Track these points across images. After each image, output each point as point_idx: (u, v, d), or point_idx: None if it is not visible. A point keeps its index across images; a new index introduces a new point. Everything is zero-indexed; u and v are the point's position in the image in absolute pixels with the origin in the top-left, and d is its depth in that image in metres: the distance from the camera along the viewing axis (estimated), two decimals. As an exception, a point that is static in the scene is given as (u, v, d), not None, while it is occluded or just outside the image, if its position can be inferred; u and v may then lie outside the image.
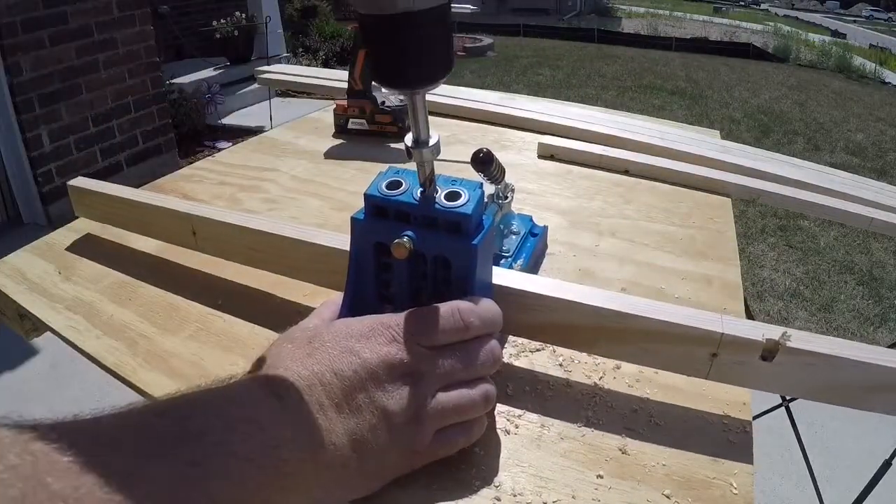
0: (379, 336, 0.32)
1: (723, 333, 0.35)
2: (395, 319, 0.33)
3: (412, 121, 0.33)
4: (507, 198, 0.52)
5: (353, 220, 0.36)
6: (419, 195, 0.35)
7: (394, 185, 0.36)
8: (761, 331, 0.35)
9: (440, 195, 0.35)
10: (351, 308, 0.37)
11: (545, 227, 0.57)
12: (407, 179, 0.36)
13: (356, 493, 0.32)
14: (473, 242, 0.34)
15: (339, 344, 0.32)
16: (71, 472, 0.21)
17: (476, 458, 0.35)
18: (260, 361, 0.32)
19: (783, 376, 0.36)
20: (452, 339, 0.33)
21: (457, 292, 0.35)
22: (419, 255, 0.35)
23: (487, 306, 0.35)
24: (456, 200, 0.34)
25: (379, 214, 0.36)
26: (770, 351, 0.35)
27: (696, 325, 0.36)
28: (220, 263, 0.53)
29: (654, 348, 0.38)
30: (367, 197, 0.36)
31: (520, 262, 0.50)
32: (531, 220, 0.57)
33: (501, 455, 0.35)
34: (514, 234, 0.53)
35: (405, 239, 0.33)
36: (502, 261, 0.49)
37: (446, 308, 0.33)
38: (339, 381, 0.30)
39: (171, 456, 0.24)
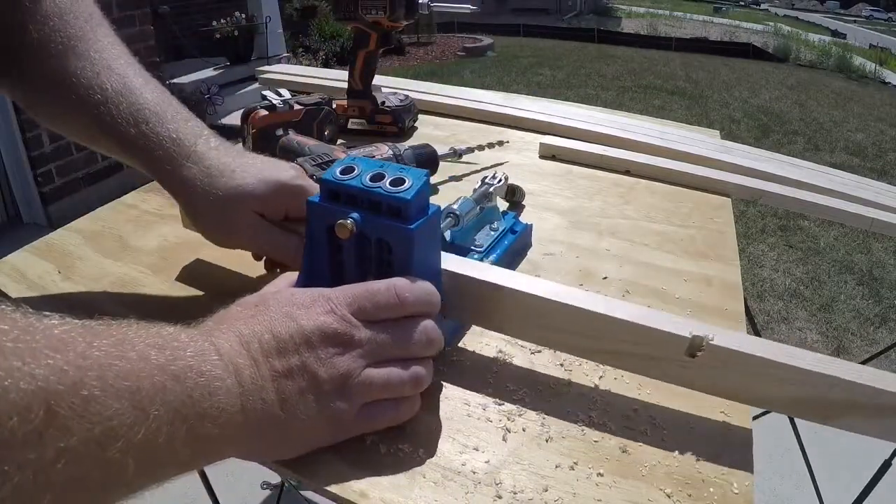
0: (318, 306, 0.34)
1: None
2: (336, 293, 0.34)
3: None
4: (492, 185, 0.54)
5: (309, 202, 0.38)
6: (368, 181, 0.37)
7: (347, 170, 0.38)
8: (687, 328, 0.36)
9: (386, 181, 0.36)
10: (305, 287, 0.38)
11: (528, 225, 0.58)
12: (359, 165, 0.38)
13: (277, 454, 0.33)
14: (411, 227, 0.35)
15: (282, 309, 0.33)
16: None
17: (477, 457, 0.35)
18: (206, 320, 0.33)
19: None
20: (388, 314, 0.34)
21: (398, 275, 0.36)
22: (365, 238, 0.37)
23: (423, 286, 0.36)
24: (400, 186, 0.36)
25: (332, 198, 0.38)
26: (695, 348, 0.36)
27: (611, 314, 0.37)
28: (222, 263, 0.53)
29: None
30: (321, 181, 0.38)
31: (491, 257, 0.50)
32: (514, 216, 0.57)
33: (502, 453, 0.35)
34: (493, 230, 0.53)
35: (349, 221, 0.35)
36: (474, 255, 0.50)
37: (383, 284, 0.35)
38: (275, 343, 0.32)
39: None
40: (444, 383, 0.41)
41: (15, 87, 0.47)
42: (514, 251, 0.55)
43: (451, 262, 0.41)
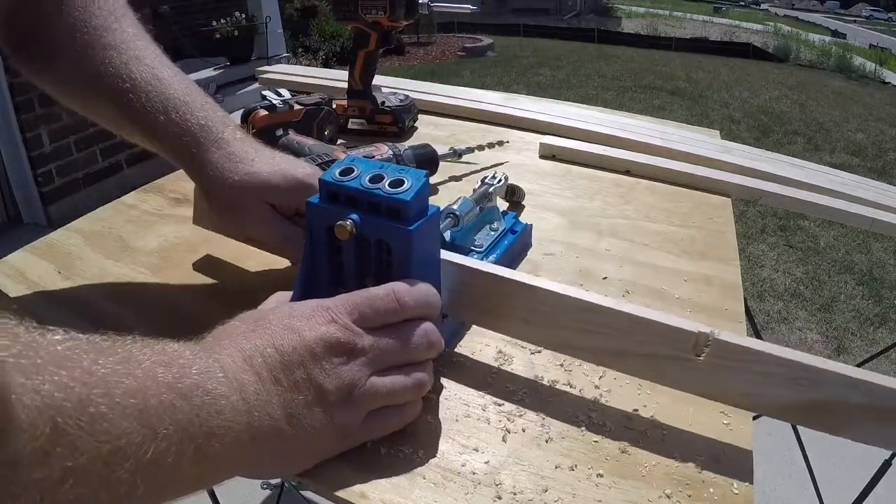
0: (319, 317, 0.33)
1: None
2: (335, 302, 0.34)
3: None
4: (491, 185, 0.54)
5: (309, 203, 0.38)
6: (367, 182, 0.37)
7: (346, 171, 0.38)
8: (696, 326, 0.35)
9: (385, 182, 0.36)
10: (304, 288, 0.38)
11: (528, 225, 0.58)
12: (359, 166, 0.38)
13: (285, 469, 0.33)
14: (410, 228, 0.35)
15: (282, 322, 0.33)
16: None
17: (476, 457, 0.35)
18: (205, 336, 0.33)
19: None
20: (388, 319, 0.34)
21: (397, 276, 0.36)
22: (364, 239, 0.37)
23: (423, 288, 0.36)
24: (399, 187, 0.36)
25: (332, 199, 0.38)
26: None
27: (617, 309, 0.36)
28: (222, 263, 0.53)
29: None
30: (321, 182, 0.38)
31: (491, 257, 0.50)
32: (514, 217, 0.57)
33: (502, 454, 0.35)
34: (493, 230, 0.53)
35: (348, 222, 0.35)
36: (474, 255, 0.50)
37: (382, 289, 0.35)
38: (279, 356, 0.31)
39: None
40: (444, 384, 0.41)
41: (41, 73, 0.48)
42: (514, 251, 0.55)
43: (451, 257, 0.41)
